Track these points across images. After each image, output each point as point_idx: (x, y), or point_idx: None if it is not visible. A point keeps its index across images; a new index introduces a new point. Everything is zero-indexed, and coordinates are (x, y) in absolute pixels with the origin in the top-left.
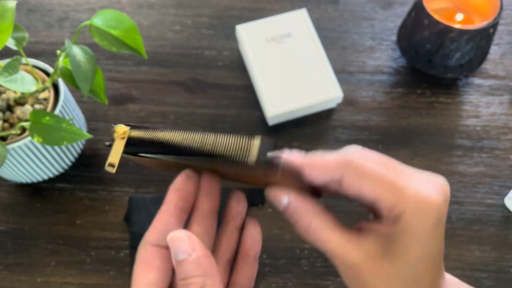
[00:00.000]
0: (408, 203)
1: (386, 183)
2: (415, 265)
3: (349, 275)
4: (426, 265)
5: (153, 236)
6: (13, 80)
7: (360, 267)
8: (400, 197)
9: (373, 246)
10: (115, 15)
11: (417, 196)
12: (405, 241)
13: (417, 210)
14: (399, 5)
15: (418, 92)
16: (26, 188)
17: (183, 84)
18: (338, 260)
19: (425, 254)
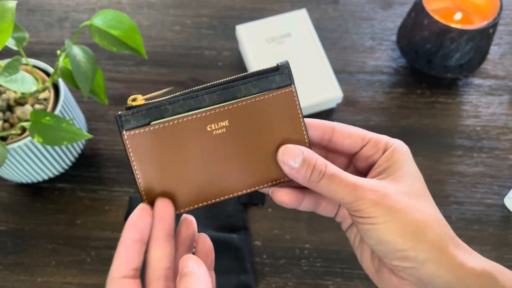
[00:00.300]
0: (394, 142)
1: (371, 134)
2: (412, 178)
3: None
4: (418, 179)
5: (117, 271)
6: (13, 80)
7: (387, 193)
8: (388, 140)
9: (384, 178)
10: (115, 15)
11: (395, 140)
12: (402, 164)
13: (400, 146)
14: (399, 5)
15: (418, 92)
16: (26, 188)
17: (183, 84)
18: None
19: (414, 172)
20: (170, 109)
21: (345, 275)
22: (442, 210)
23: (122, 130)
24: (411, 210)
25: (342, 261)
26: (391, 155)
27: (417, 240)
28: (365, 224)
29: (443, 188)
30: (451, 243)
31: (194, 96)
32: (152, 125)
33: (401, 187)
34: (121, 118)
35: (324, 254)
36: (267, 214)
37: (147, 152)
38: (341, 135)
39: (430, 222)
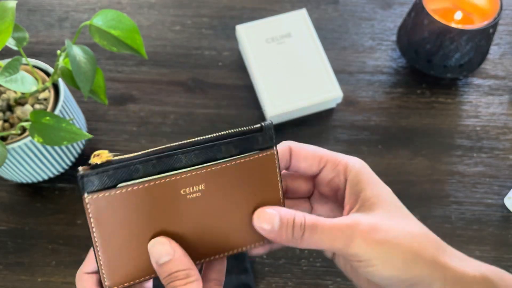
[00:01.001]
0: (353, 163)
1: (327, 155)
2: (386, 198)
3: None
4: (390, 195)
5: (88, 267)
6: (14, 80)
7: (375, 228)
8: (347, 160)
9: (362, 209)
10: (116, 15)
11: (353, 160)
12: (371, 186)
13: (361, 167)
14: (399, 5)
15: (417, 92)
16: (26, 188)
17: (183, 84)
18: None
19: (384, 190)
20: (141, 169)
21: (345, 275)
22: (442, 210)
23: (84, 192)
24: (403, 236)
25: None
26: (357, 180)
27: (419, 265)
28: (365, 267)
29: (443, 188)
30: (445, 254)
31: (170, 155)
32: (118, 188)
33: (382, 214)
34: (82, 178)
35: (324, 254)
36: None
37: (111, 219)
38: (297, 158)
39: (423, 242)
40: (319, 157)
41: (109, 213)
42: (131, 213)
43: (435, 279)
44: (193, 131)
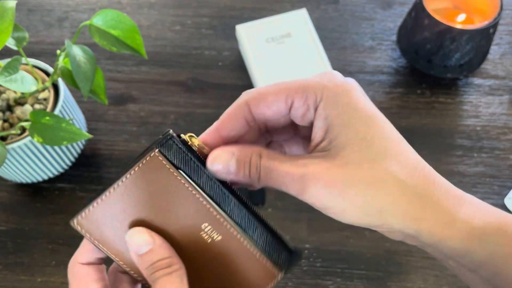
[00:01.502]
0: (322, 90)
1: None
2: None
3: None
4: (369, 129)
5: (82, 257)
6: (13, 80)
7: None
8: (316, 87)
9: (327, 149)
10: (115, 15)
11: (324, 84)
12: (343, 120)
13: (333, 94)
14: (399, 5)
15: (418, 92)
16: (26, 188)
17: (183, 84)
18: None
19: (360, 125)
20: (203, 180)
21: (345, 275)
22: None
23: (157, 147)
24: (371, 188)
25: (342, 261)
26: (324, 112)
27: (388, 216)
28: (326, 213)
29: None
30: (444, 198)
31: (227, 196)
32: (178, 173)
33: (349, 157)
34: (170, 139)
35: (324, 254)
36: (267, 214)
37: (143, 186)
38: (258, 108)
39: (399, 195)
40: (284, 94)
41: (148, 180)
42: (157, 198)
43: (422, 232)
44: (193, 131)
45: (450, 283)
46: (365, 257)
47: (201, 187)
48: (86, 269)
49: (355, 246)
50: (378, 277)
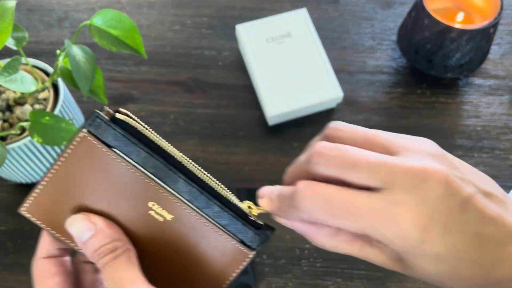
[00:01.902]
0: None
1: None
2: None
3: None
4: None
5: (42, 251)
6: (13, 80)
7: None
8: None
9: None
10: (115, 15)
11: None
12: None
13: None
14: (399, 5)
15: (418, 92)
16: (26, 188)
17: (183, 84)
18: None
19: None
20: (142, 157)
21: (345, 275)
22: None
23: (86, 126)
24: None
25: (342, 261)
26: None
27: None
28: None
29: None
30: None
31: (173, 172)
32: (112, 152)
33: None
34: (96, 118)
35: (324, 254)
36: (267, 214)
37: (79, 168)
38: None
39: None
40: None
41: (83, 162)
42: (97, 180)
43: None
44: (193, 131)
45: None
46: None
47: (140, 164)
48: (45, 264)
49: None
50: (378, 277)
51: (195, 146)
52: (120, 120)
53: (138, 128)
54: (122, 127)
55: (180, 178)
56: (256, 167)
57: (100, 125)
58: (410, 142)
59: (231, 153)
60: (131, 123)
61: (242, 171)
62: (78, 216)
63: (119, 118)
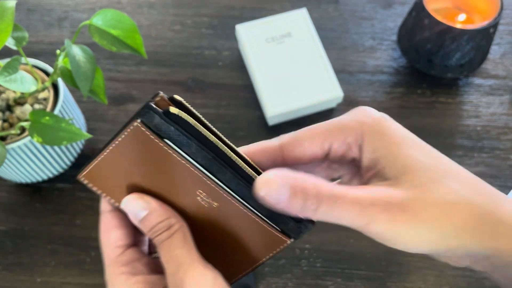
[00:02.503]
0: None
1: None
2: (406, 166)
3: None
4: (422, 155)
5: (105, 206)
6: (13, 80)
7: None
8: (354, 126)
9: (386, 180)
10: (115, 15)
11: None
12: (394, 153)
13: (376, 129)
14: (400, 4)
15: (418, 92)
16: (26, 188)
17: (183, 84)
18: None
19: (411, 152)
20: (193, 150)
21: (345, 275)
22: None
23: (139, 118)
24: (444, 209)
25: (342, 262)
26: (371, 145)
27: (459, 239)
28: (390, 243)
29: None
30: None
31: (223, 166)
32: (163, 143)
33: (408, 187)
34: (150, 110)
35: (324, 254)
36: None
37: (132, 153)
38: (293, 154)
39: (463, 215)
40: (321, 139)
41: (135, 148)
42: (148, 165)
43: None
44: None
45: (450, 283)
46: (366, 257)
47: (191, 156)
48: (108, 218)
49: (355, 246)
50: (378, 277)
51: None
52: (174, 114)
53: (191, 123)
54: (175, 121)
55: (227, 171)
56: None
57: (153, 117)
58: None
59: None
60: (183, 117)
61: None
62: (132, 196)
63: (173, 113)
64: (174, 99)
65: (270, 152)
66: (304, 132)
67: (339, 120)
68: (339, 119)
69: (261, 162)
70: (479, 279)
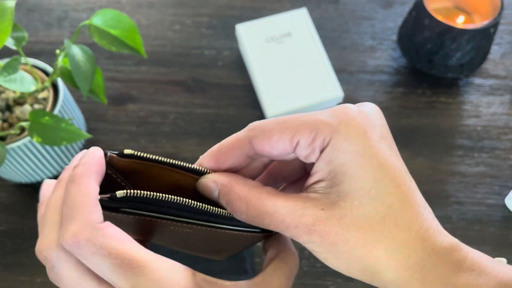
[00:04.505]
0: (331, 134)
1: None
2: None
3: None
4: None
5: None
6: (13, 79)
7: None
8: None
9: (326, 194)
10: (115, 15)
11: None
12: (348, 172)
13: (345, 143)
14: (400, 4)
15: (418, 92)
16: (25, 188)
17: (183, 84)
18: (291, 226)
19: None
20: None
21: (345, 276)
22: (443, 211)
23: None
24: (362, 249)
25: None
26: (329, 157)
27: (383, 280)
28: (316, 254)
29: (444, 188)
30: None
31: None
32: (120, 212)
33: (347, 211)
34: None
35: None
36: None
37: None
38: (262, 147)
39: (391, 261)
40: (290, 134)
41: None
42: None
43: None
44: (192, 131)
45: None
46: None
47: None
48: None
49: None
50: None
51: (195, 146)
52: (121, 197)
53: (143, 195)
54: (125, 200)
55: (190, 214)
56: None
57: (108, 205)
58: None
59: None
60: (133, 194)
61: None
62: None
63: (120, 197)
64: (125, 154)
65: (240, 146)
66: (274, 123)
67: (314, 117)
68: (314, 116)
69: (233, 157)
70: None
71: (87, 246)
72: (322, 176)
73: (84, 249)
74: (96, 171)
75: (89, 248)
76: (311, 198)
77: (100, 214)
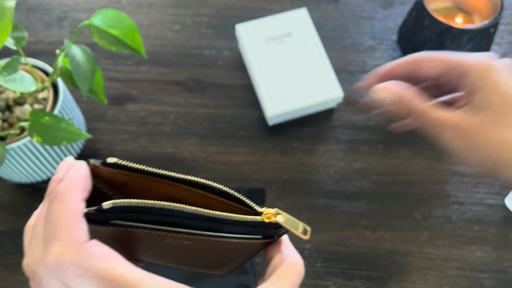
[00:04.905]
0: (472, 66)
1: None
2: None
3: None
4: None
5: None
6: (13, 79)
7: (467, 129)
8: (471, 63)
9: (469, 109)
10: (115, 15)
11: (477, 63)
12: (482, 90)
13: (480, 70)
14: (400, 4)
15: None
16: (25, 188)
17: (183, 84)
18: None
19: (493, 97)
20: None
21: (345, 275)
22: (443, 211)
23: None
24: (492, 142)
25: (342, 261)
26: (470, 86)
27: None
28: (457, 157)
29: (444, 188)
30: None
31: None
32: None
33: (485, 118)
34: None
35: (324, 254)
36: None
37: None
38: (421, 67)
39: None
40: (444, 65)
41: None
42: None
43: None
44: (192, 131)
45: (450, 283)
46: (366, 257)
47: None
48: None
49: (356, 246)
50: (378, 277)
51: (195, 146)
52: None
53: (130, 204)
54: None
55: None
56: (256, 167)
57: (95, 218)
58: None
59: (231, 153)
60: (119, 204)
61: (242, 171)
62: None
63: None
64: (108, 163)
65: (408, 64)
66: (433, 54)
67: (461, 58)
68: (462, 57)
69: (397, 73)
70: (480, 279)
71: (72, 268)
72: (464, 101)
73: (69, 271)
74: (82, 187)
75: (74, 271)
76: (462, 112)
77: (85, 232)
